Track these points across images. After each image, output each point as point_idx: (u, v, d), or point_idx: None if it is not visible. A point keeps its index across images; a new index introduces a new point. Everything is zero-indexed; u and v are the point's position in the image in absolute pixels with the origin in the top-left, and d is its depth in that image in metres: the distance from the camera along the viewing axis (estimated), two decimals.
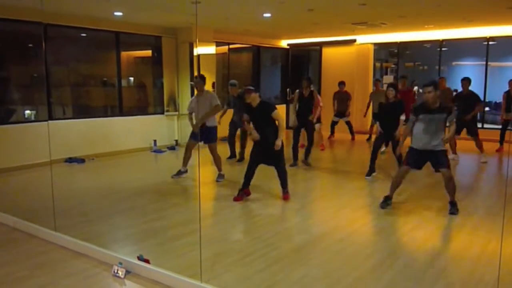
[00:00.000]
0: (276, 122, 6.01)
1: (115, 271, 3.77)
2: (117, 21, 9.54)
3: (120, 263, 3.80)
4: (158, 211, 5.74)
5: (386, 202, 5.68)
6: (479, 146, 8.81)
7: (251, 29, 11.65)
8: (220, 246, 4.49)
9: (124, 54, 10.46)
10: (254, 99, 6.05)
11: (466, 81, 8.68)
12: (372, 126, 11.46)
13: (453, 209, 5.47)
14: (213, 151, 7.23)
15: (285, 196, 6.11)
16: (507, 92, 9.80)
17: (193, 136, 7.25)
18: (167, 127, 11.03)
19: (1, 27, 8.26)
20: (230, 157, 8.91)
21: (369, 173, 7.38)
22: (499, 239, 4.42)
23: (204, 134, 7.09)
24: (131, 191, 6.74)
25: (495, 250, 4.26)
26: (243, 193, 6.11)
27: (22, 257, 4.22)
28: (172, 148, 10.67)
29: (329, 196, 6.73)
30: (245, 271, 3.90)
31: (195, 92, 7.28)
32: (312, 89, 8.28)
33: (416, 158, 5.55)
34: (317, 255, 4.25)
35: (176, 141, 11.01)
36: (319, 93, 11.89)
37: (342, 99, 11.65)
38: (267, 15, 9.04)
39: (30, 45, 9.17)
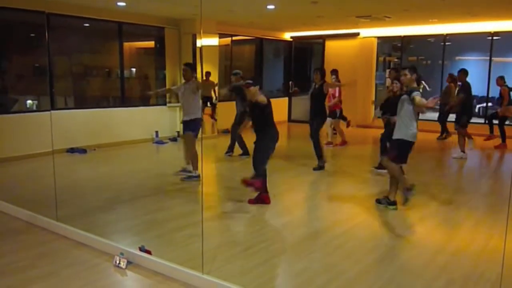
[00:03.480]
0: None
1: (117, 261, 3.77)
2: (120, 11, 9.49)
3: (122, 254, 3.81)
4: (159, 202, 5.74)
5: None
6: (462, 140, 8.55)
7: (254, 21, 11.60)
8: (221, 238, 4.50)
9: (126, 44, 10.42)
10: (254, 94, 5.41)
11: (461, 73, 8.54)
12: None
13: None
14: (188, 142, 6.80)
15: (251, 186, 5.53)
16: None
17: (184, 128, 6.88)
18: (169, 119, 11.01)
19: (3, 16, 8.24)
20: (242, 154, 8.29)
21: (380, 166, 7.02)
22: (501, 234, 4.41)
23: (187, 125, 6.76)
24: (133, 182, 6.74)
25: (497, 246, 4.26)
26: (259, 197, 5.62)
27: (23, 246, 4.23)
28: (174, 139, 10.65)
29: (330, 191, 6.72)
30: (246, 263, 3.90)
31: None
32: (323, 81, 7.59)
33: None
34: (318, 249, 4.25)
35: (178, 132, 10.99)
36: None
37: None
38: (271, 7, 8.99)
39: (32, 34, 9.14)
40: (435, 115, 11.23)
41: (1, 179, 6.94)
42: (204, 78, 10.72)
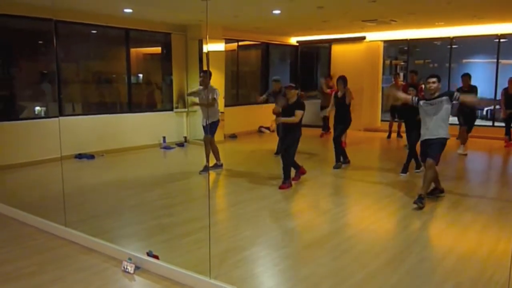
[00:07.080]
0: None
1: (125, 266, 3.79)
2: (127, 18, 9.56)
3: (130, 259, 3.82)
4: (167, 207, 5.76)
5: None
6: (464, 138, 9.00)
7: (260, 26, 11.63)
8: (228, 243, 4.50)
9: (133, 50, 10.49)
10: (293, 95, 6.44)
11: (466, 77, 8.80)
12: (391, 124, 11.39)
13: (419, 201, 5.53)
14: (211, 143, 7.63)
15: (282, 185, 6.48)
16: (505, 89, 10.00)
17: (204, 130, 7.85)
18: (176, 124, 11.05)
19: (12, 23, 8.34)
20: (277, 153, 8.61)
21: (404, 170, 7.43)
22: (510, 238, 4.39)
23: (205, 128, 7.70)
24: (140, 188, 6.77)
25: (506, 249, 4.23)
26: (289, 182, 6.52)
27: (31, 252, 4.26)
28: (181, 144, 10.69)
29: (338, 194, 6.71)
30: (254, 268, 3.90)
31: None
32: (346, 89, 7.76)
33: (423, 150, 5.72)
34: (326, 253, 4.24)
35: (185, 137, 11.04)
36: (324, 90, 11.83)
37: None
38: (277, 12, 9.01)
39: (40, 42, 9.22)
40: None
41: (9, 185, 7.01)
42: None
